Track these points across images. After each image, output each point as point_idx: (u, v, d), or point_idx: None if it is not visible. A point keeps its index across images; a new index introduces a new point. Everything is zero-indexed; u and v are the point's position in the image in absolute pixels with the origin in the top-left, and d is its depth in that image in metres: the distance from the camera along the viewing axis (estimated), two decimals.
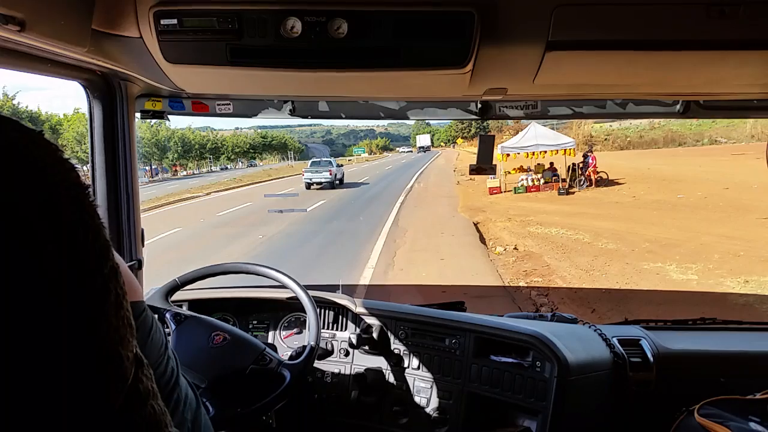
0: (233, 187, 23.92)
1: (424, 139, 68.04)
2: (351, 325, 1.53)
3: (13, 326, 0.30)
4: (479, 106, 1.55)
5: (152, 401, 0.40)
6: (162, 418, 0.41)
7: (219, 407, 1.15)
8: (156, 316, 1.34)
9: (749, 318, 4.44)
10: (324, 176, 20.20)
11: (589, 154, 15.84)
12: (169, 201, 18.41)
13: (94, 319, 0.35)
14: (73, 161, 0.39)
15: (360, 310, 1.51)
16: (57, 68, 1.14)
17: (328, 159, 23.60)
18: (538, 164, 16.15)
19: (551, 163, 16.03)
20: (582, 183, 15.45)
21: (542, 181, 15.71)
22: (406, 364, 1.45)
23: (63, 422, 0.33)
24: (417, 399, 1.42)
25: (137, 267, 1.60)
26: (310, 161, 22.61)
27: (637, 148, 38.19)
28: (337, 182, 20.79)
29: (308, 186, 20.13)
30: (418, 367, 1.43)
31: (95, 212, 0.37)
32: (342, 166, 23.87)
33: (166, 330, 1.29)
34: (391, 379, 1.46)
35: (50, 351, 0.32)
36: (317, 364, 1.50)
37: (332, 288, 1.60)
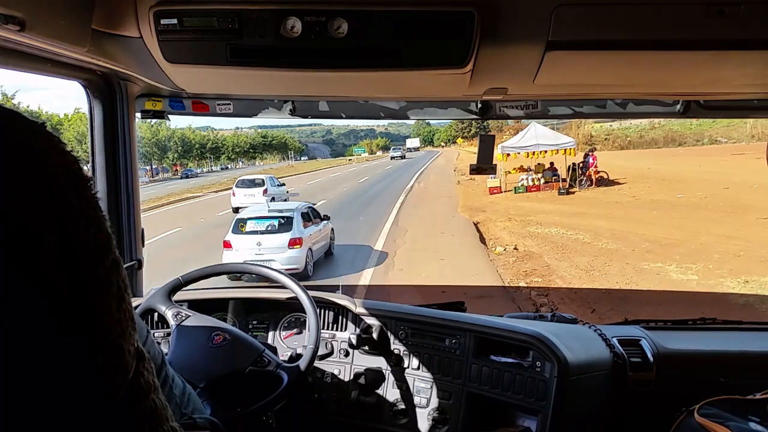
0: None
1: (412, 142, 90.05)
2: (351, 326, 1.53)
3: (13, 319, 0.30)
4: (479, 105, 1.55)
5: (153, 395, 0.40)
6: (163, 412, 0.40)
7: (217, 407, 1.15)
8: (157, 313, 1.36)
9: (749, 318, 4.44)
10: (399, 154, 52.39)
11: (590, 153, 15.83)
12: (169, 201, 18.44)
13: (95, 312, 0.34)
14: None
15: (360, 310, 1.51)
16: (57, 68, 1.15)
17: (400, 147, 66.42)
18: (539, 164, 16.14)
19: (551, 163, 16.01)
20: (583, 183, 15.45)
21: (542, 180, 15.70)
22: (406, 365, 1.45)
23: (63, 416, 0.33)
24: (417, 399, 1.42)
25: (137, 267, 1.60)
26: (391, 148, 66.62)
27: (637, 147, 38.14)
28: (403, 157, 49.84)
29: (392, 158, 49.70)
30: (418, 367, 1.43)
31: (97, 204, 0.36)
32: (404, 150, 62.98)
33: (167, 330, 1.29)
34: (391, 379, 1.45)
35: (50, 344, 0.32)
36: (317, 364, 1.50)
37: (332, 288, 1.60)
